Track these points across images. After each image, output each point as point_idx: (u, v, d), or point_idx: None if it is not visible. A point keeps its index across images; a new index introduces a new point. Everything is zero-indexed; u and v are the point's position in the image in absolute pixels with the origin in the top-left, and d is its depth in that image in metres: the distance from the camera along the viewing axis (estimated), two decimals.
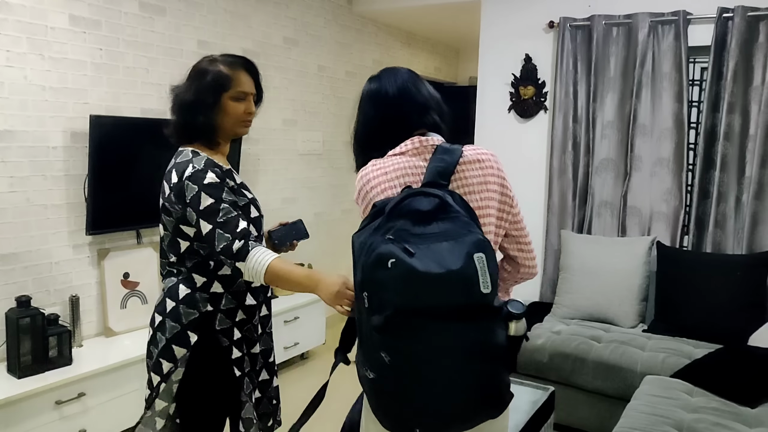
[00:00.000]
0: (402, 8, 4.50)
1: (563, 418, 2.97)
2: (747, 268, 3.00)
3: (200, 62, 1.79)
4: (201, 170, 1.67)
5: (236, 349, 1.78)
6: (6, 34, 2.67)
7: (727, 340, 2.88)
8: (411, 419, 1.27)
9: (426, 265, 1.18)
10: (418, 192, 1.32)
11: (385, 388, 1.27)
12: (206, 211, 1.63)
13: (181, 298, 1.73)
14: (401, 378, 1.24)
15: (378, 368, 1.24)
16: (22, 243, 2.79)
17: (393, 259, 1.19)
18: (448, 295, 1.20)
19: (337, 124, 4.74)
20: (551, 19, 3.70)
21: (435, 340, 1.21)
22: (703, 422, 2.12)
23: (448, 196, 1.33)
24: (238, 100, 1.76)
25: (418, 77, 1.56)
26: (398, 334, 1.21)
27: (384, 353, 1.22)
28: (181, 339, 1.72)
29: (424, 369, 1.23)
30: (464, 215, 1.31)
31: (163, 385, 1.73)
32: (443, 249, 1.22)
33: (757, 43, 3.16)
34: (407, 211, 1.28)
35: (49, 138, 2.86)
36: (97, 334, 3.10)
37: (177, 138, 1.80)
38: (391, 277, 1.19)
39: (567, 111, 3.65)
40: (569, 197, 3.69)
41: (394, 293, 1.19)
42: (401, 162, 1.46)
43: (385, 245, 1.22)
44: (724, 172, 3.24)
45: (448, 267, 1.19)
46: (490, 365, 1.27)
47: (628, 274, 3.21)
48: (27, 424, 2.46)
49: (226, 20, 3.70)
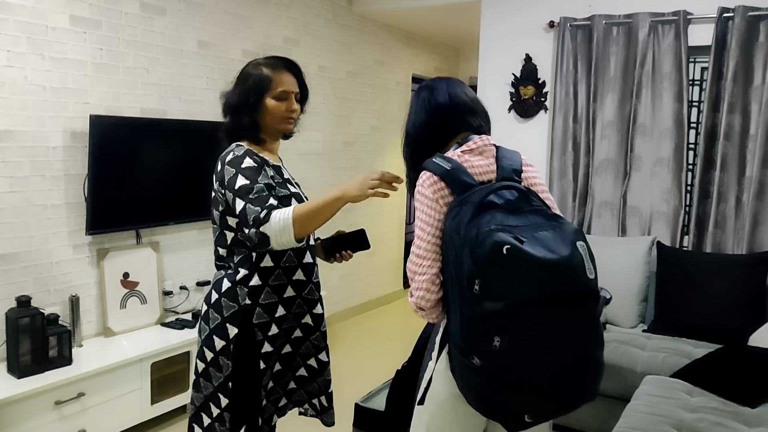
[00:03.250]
0: (402, 8, 4.50)
1: (563, 418, 2.96)
2: (747, 268, 3.00)
3: (246, 66, 1.90)
4: (239, 156, 1.77)
5: (268, 344, 1.84)
6: (6, 34, 2.68)
7: (727, 340, 2.88)
8: (521, 405, 1.32)
9: (540, 252, 1.24)
10: (504, 186, 1.39)
11: (496, 374, 1.30)
12: (241, 190, 1.71)
13: (223, 291, 1.82)
14: (516, 362, 1.28)
15: (488, 355, 1.28)
16: (22, 243, 2.79)
17: (508, 246, 1.24)
18: (561, 280, 1.26)
19: (337, 124, 4.74)
20: (551, 18, 3.70)
21: (550, 324, 1.26)
22: (703, 422, 2.12)
23: (527, 190, 1.41)
24: (280, 100, 1.85)
25: (464, 84, 1.65)
26: (516, 320, 1.25)
27: (497, 339, 1.26)
28: (221, 331, 1.81)
29: (541, 352, 1.28)
30: (547, 208, 1.40)
31: (209, 372, 1.84)
32: (548, 236, 1.28)
33: (758, 43, 3.16)
34: (497, 203, 1.35)
35: (49, 138, 2.86)
36: (97, 334, 3.10)
37: (227, 138, 1.89)
38: (508, 264, 1.24)
39: (567, 111, 3.65)
40: (569, 197, 3.69)
41: (512, 280, 1.24)
42: (477, 160, 1.51)
43: (496, 233, 1.26)
44: (724, 172, 3.24)
45: (560, 253, 1.25)
46: (598, 347, 1.35)
47: (628, 274, 3.21)
48: (27, 424, 2.46)
49: (226, 21, 3.70)
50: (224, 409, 1.83)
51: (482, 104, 1.64)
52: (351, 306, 5.06)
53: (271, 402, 1.96)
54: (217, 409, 1.85)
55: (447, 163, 1.45)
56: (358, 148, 5.02)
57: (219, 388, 1.83)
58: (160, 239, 3.39)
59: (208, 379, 1.85)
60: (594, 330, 1.33)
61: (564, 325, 1.28)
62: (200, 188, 2.88)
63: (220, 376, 1.83)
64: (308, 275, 1.92)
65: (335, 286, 4.82)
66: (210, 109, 3.58)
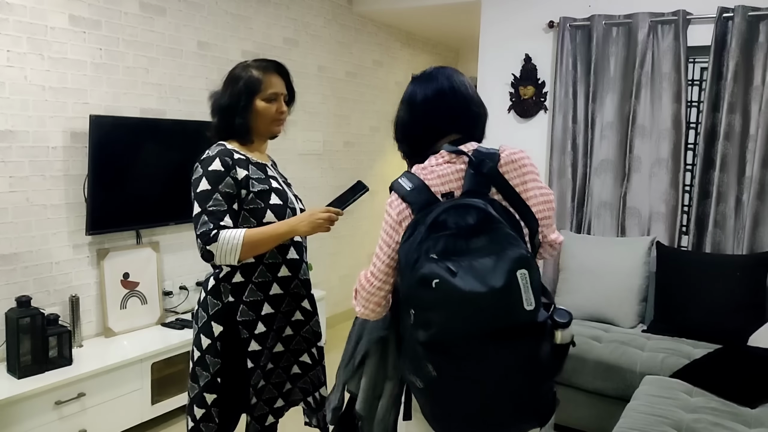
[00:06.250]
0: (402, 8, 4.50)
1: (563, 418, 2.96)
2: (747, 268, 3.00)
3: (234, 68, 1.91)
4: (210, 157, 1.80)
5: (255, 342, 1.85)
6: (6, 34, 2.68)
7: (726, 340, 2.88)
8: (459, 426, 1.31)
9: (469, 284, 1.19)
10: (460, 205, 1.31)
11: (435, 397, 1.31)
12: (200, 195, 1.76)
13: (209, 289, 1.87)
14: (447, 391, 1.27)
15: (426, 379, 1.28)
16: (22, 243, 2.79)
17: (437, 280, 1.20)
18: (491, 314, 1.20)
19: (337, 124, 4.74)
20: (551, 19, 3.70)
21: (479, 358, 1.23)
22: (702, 422, 2.12)
23: (489, 207, 1.31)
24: (270, 101, 1.88)
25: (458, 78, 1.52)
26: (443, 352, 1.23)
27: (430, 366, 1.25)
28: (207, 329, 1.85)
29: (470, 385, 1.26)
30: (506, 226, 1.30)
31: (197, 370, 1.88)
32: (486, 265, 1.21)
33: (758, 43, 3.16)
34: (450, 225, 1.28)
35: (49, 138, 2.86)
36: (97, 334, 3.10)
37: (216, 137, 1.92)
38: (435, 298, 1.21)
39: (567, 111, 3.65)
40: (568, 198, 3.69)
41: (438, 313, 1.22)
42: (442, 169, 1.42)
43: (429, 264, 1.23)
44: (724, 172, 3.24)
45: (490, 285, 1.19)
46: (536, 379, 1.29)
47: (628, 275, 3.21)
48: (27, 424, 2.47)
49: (226, 21, 3.70)
50: (212, 405, 1.86)
51: (478, 101, 1.53)
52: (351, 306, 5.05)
53: (264, 401, 1.96)
54: (203, 408, 1.87)
55: (409, 183, 1.41)
56: (358, 148, 5.01)
57: (205, 387, 1.86)
58: (160, 239, 3.39)
59: (194, 379, 1.89)
60: (533, 361, 1.27)
61: (495, 359, 1.23)
62: None
63: (207, 375, 1.85)
64: (294, 271, 1.93)
65: (335, 287, 4.82)
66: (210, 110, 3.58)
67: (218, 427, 1.88)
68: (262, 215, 1.82)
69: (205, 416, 1.87)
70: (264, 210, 1.82)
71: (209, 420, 1.87)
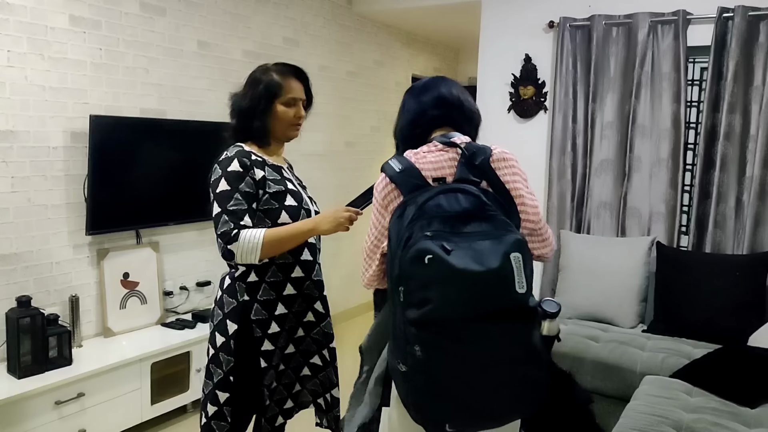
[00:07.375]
0: (402, 8, 4.50)
1: None
2: (747, 268, 3.00)
3: (255, 71, 1.93)
4: (229, 158, 1.82)
5: (268, 342, 1.87)
6: (7, 34, 2.68)
7: (726, 340, 2.87)
8: (441, 414, 1.28)
9: (464, 263, 1.20)
10: (455, 189, 1.34)
11: (417, 383, 1.28)
12: (221, 195, 1.77)
13: (225, 288, 1.90)
14: (434, 373, 1.25)
15: (410, 362, 1.26)
16: (22, 243, 2.80)
17: (430, 256, 1.21)
18: (484, 294, 1.21)
19: (339, 124, 4.74)
20: (551, 19, 3.70)
21: (470, 339, 1.23)
22: (702, 422, 2.12)
23: (482, 195, 1.34)
24: (289, 106, 1.91)
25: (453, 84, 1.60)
26: (433, 330, 1.23)
27: (417, 347, 1.23)
28: (222, 327, 1.87)
29: (458, 366, 1.25)
30: (500, 214, 1.33)
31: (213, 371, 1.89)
32: (485, 247, 1.23)
33: (758, 43, 3.16)
34: (445, 207, 1.30)
35: (49, 138, 2.86)
36: (97, 335, 3.10)
37: (234, 139, 1.94)
38: (427, 275, 1.21)
39: (567, 111, 3.65)
40: (568, 198, 3.69)
41: (431, 290, 1.21)
42: (435, 156, 1.47)
43: (423, 241, 1.23)
44: (724, 172, 3.24)
45: (487, 265, 1.21)
46: (525, 365, 1.28)
47: (628, 275, 3.21)
48: (26, 424, 2.47)
49: (226, 21, 3.70)
50: (224, 404, 1.87)
51: (474, 108, 1.60)
52: (351, 306, 5.06)
53: (275, 402, 1.98)
54: (216, 406, 1.88)
55: (399, 165, 1.45)
56: (359, 148, 5.02)
57: (219, 384, 1.87)
58: (160, 239, 3.39)
59: (209, 376, 1.90)
60: (523, 345, 1.27)
61: (485, 341, 1.23)
62: (200, 188, 2.86)
63: (220, 372, 1.87)
64: (308, 272, 1.94)
65: (335, 287, 4.81)
66: (210, 110, 3.59)
67: (230, 427, 1.88)
68: (277, 216, 1.84)
69: (217, 414, 1.88)
70: (279, 211, 1.84)
71: (221, 419, 1.88)
